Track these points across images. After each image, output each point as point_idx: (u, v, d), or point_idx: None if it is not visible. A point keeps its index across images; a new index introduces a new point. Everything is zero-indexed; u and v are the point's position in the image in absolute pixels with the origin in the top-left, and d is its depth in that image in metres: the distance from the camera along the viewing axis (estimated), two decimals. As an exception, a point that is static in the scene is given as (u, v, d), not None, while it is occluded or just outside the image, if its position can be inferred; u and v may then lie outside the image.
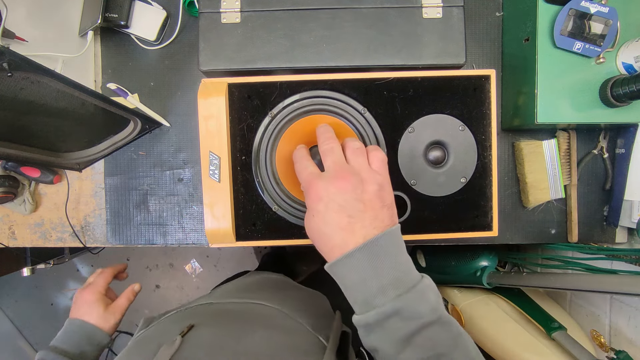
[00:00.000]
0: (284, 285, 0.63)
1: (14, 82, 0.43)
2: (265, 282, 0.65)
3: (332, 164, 0.37)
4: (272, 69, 0.56)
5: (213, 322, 0.43)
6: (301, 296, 0.60)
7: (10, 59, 0.39)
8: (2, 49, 0.37)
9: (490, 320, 0.81)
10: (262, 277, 0.68)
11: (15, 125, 0.53)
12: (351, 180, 0.35)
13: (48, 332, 1.73)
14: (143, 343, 0.42)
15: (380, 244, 0.34)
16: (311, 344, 0.43)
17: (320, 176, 0.36)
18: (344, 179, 0.35)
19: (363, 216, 0.34)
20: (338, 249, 0.34)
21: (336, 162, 0.37)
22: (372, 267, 0.33)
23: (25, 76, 0.43)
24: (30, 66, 0.41)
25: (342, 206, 0.34)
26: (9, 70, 0.39)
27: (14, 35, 0.56)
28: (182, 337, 0.38)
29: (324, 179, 0.35)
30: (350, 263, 0.34)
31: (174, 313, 0.48)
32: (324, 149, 0.38)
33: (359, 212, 0.34)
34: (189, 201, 0.70)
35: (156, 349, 0.37)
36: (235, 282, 0.66)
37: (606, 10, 0.54)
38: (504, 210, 0.69)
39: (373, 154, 0.38)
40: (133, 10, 0.65)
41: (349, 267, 0.34)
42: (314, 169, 0.38)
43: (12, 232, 0.72)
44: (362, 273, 0.33)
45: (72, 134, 0.61)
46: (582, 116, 0.58)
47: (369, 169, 0.37)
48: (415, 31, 0.55)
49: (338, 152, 0.38)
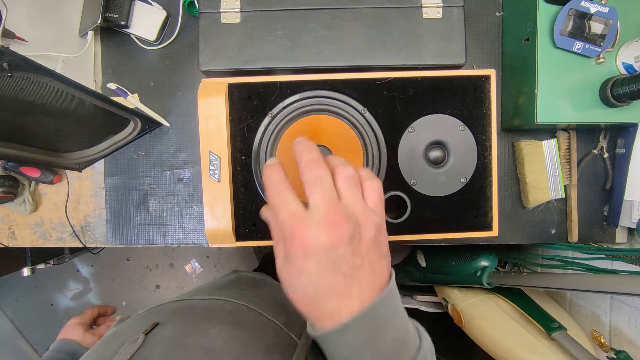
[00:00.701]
0: (261, 284, 0.62)
1: (14, 82, 0.43)
2: (243, 280, 0.64)
3: (321, 201, 0.28)
4: (272, 69, 0.56)
5: (177, 319, 0.42)
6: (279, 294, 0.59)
7: (10, 59, 0.39)
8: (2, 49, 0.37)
9: (490, 320, 0.81)
10: (240, 275, 0.67)
11: (15, 125, 0.53)
12: (347, 228, 0.27)
13: (48, 332, 1.73)
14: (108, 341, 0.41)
15: (379, 311, 0.28)
16: (280, 341, 0.42)
17: (307, 220, 0.28)
18: (339, 225, 0.27)
19: (360, 275, 0.28)
20: (329, 319, 0.27)
21: (326, 198, 0.28)
22: (370, 341, 0.28)
23: (25, 76, 0.43)
24: (30, 66, 0.41)
25: (336, 264, 0.27)
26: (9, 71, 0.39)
27: (14, 35, 0.56)
28: (145, 334, 0.37)
29: (312, 226, 0.27)
30: (344, 337, 0.28)
31: (145, 311, 0.48)
32: (309, 177, 0.29)
33: (356, 269, 0.28)
34: (189, 201, 0.70)
35: (119, 346, 0.36)
36: (213, 281, 0.67)
37: (606, 10, 0.54)
38: (504, 210, 0.69)
39: (368, 185, 0.31)
40: (133, 10, 0.65)
41: (343, 341, 0.28)
42: (296, 207, 0.29)
43: (12, 232, 0.72)
44: (358, 349, 0.28)
45: (72, 134, 0.62)
46: (582, 116, 0.58)
47: (365, 208, 0.29)
48: (415, 31, 0.55)
49: (328, 183, 0.29)
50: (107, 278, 1.72)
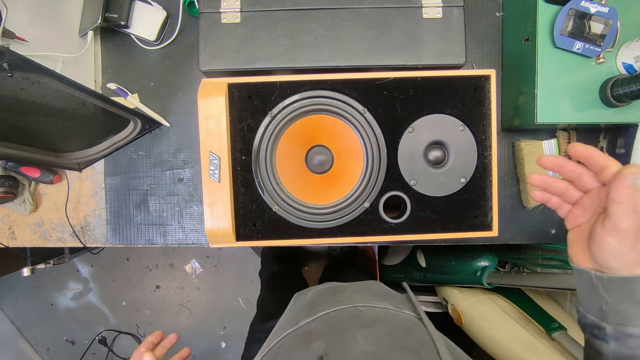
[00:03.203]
0: (338, 288, 0.61)
1: (14, 82, 0.43)
2: (320, 294, 0.62)
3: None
4: (272, 69, 0.56)
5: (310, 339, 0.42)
6: (360, 289, 0.59)
7: (11, 59, 0.39)
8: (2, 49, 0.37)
9: (490, 320, 0.81)
10: (313, 292, 0.64)
11: (15, 125, 0.53)
12: None
13: (48, 332, 1.73)
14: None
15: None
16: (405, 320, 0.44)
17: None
18: None
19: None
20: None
21: None
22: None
23: (25, 76, 0.43)
24: (30, 66, 0.41)
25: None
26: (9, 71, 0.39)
27: (14, 35, 0.56)
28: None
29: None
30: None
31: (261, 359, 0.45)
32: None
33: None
34: (189, 201, 0.70)
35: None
36: (290, 309, 0.62)
37: (606, 10, 0.54)
38: (504, 210, 0.69)
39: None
40: (133, 10, 0.65)
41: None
42: None
43: (12, 232, 0.72)
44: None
45: (72, 134, 0.62)
46: (582, 116, 0.58)
47: None
48: (415, 31, 0.55)
49: None
50: (107, 278, 1.72)
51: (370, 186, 0.48)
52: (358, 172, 0.48)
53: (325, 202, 0.49)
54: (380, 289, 0.60)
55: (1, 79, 0.42)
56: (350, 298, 0.52)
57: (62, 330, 1.73)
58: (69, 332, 1.73)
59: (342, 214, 0.48)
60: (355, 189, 0.48)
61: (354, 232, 0.49)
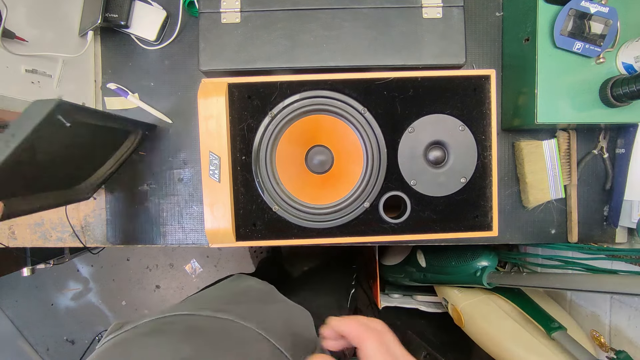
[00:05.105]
0: (270, 299, 0.61)
1: (65, 131, 0.41)
2: (252, 293, 0.63)
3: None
4: (272, 69, 0.56)
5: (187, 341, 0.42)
6: (284, 314, 0.58)
7: (63, 109, 0.37)
8: (59, 102, 0.35)
9: (490, 320, 0.81)
10: (248, 286, 0.66)
11: (38, 173, 0.49)
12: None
13: (48, 332, 1.73)
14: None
15: None
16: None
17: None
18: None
19: None
20: None
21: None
22: None
23: (78, 122, 0.41)
24: (81, 112, 0.40)
25: None
26: (66, 121, 0.38)
27: (14, 35, 0.56)
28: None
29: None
30: None
31: (149, 321, 0.47)
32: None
33: None
34: (189, 201, 0.70)
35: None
36: (221, 287, 0.65)
37: (606, 10, 0.54)
38: (504, 210, 0.69)
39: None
40: (133, 10, 0.65)
41: None
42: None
43: (12, 232, 0.72)
44: None
45: (83, 162, 0.59)
46: (582, 116, 0.58)
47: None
48: (415, 31, 0.55)
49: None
50: (107, 278, 1.72)
51: (370, 186, 0.48)
52: (358, 172, 0.48)
53: (325, 202, 0.49)
54: (305, 326, 0.58)
55: (53, 131, 0.40)
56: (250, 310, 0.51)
57: (62, 330, 1.73)
58: (68, 332, 1.73)
59: (342, 214, 0.48)
60: (355, 189, 0.48)
61: (354, 232, 0.49)
